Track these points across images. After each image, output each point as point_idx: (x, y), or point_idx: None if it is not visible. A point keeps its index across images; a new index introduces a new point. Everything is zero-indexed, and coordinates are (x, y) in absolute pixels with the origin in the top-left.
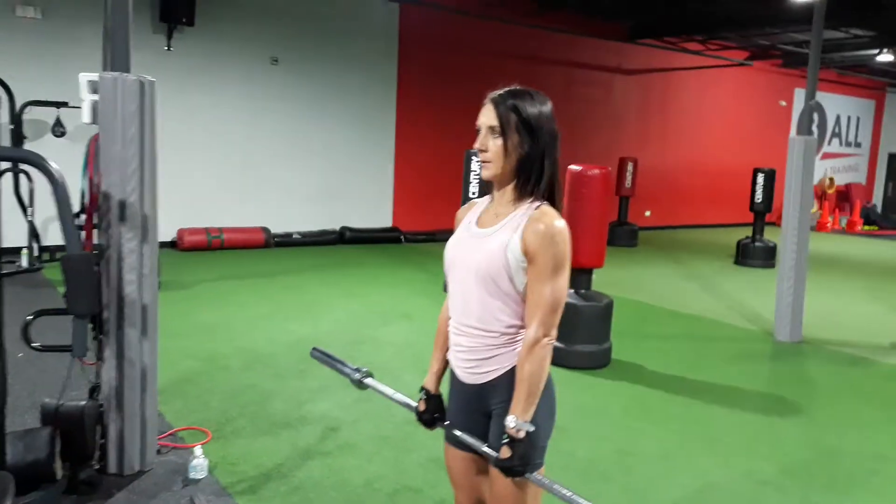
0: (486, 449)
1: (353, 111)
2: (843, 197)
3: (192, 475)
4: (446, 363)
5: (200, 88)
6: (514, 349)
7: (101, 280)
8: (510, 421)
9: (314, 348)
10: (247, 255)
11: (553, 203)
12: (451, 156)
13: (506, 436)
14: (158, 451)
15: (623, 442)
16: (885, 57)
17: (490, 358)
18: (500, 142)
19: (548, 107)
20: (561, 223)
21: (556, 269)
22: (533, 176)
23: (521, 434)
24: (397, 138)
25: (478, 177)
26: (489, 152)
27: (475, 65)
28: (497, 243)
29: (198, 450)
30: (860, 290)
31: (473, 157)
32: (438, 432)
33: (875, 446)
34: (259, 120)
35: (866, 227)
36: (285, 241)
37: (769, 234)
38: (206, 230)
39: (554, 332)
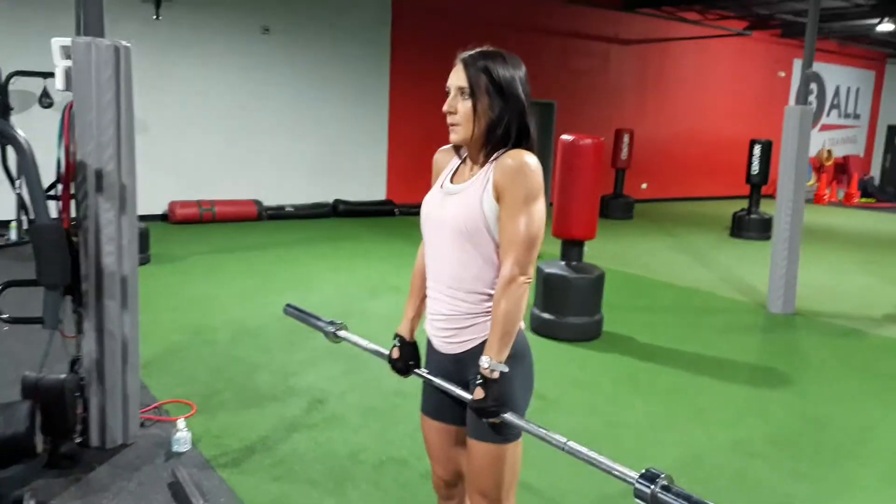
0: (461, 392)
1: (346, 82)
2: (841, 169)
3: (176, 448)
4: (421, 310)
5: (190, 59)
6: None
7: (77, 251)
8: (484, 361)
9: (288, 304)
10: (239, 227)
11: None
12: (443, 128)
13: (479, 377)
14: (142, 425)
15: (612, 413)
16: (885, 26)
17: (468, 327)
18: (469, 104)
19: (521, 70)
20: (531, 157)
21: (527, 201)
22: (506, 140)
23: (496, 374)
24: (391, 110)
25: None
26: (458, 115)
27: (470, 35)
28: (472, 196)
29: (181, 423)
30: (855, 262)
31: None
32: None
33: (863, 418)
34: (251, 91)
35: (863, 200)
36: (278, 214)
37: (765, 207)
38: (198, 203)
39: (531, 271)
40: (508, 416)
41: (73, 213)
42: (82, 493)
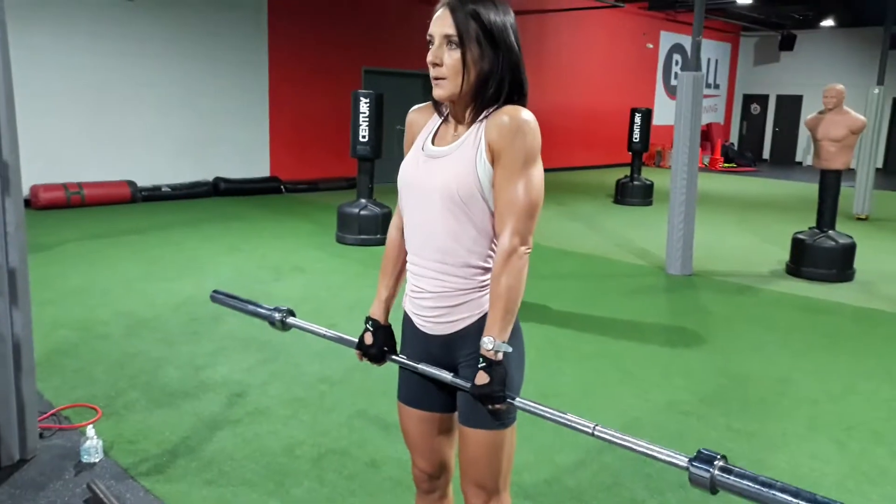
0: (456, 380)
1: (220, 52)
2: (705, 136)
3: (86, 459)
4: (396, 289)
5: (45, 28)
6: (486, 294)
7: None
8: (486, 342)
9: (214, 291)
10: (112, 211)
11: None
12: (332, 99)
13: (482, 360)
14: (41, 436)
15: (543, 384)
16: (744, 0)
17: (460, 305)
18: (457, 54)
19: (511, 16)
20: (527, 113)
21: (527, 163)
22: (498, 96)
23: (500, 356)
24: (271, 81)
25: (367, 103)
26: (444, 67)
27: (348, 2)
28: (464, 159)
29: (89, 429)
30: (732, 223)
31: (362, 98)
32: (358, 388)
33: (777, 370)
34: (116, 64)
35: (726, 165)
36: (154, 195)
37: (645, 173)
38: (64, 186)
39: (531, 241)
40: (518, 402)
41: None
42: None
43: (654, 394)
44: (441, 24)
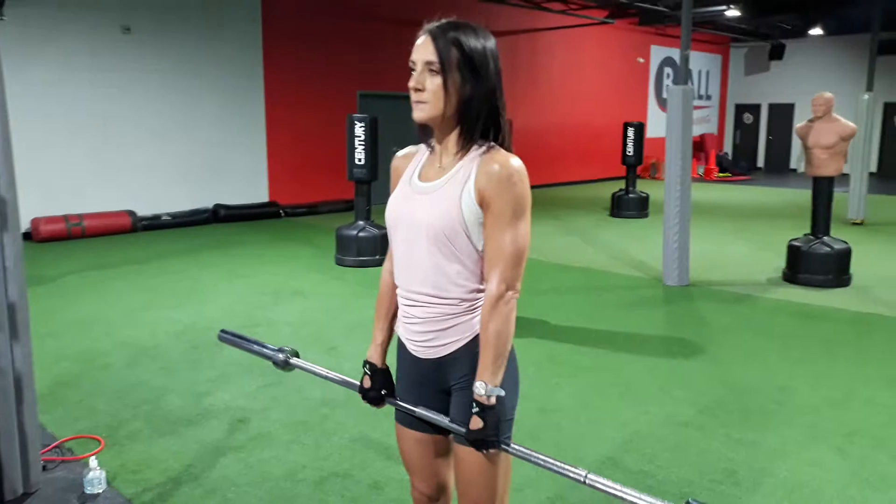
0: (451, 424)
1: (217, 81)
2: (699, 147)
3: (89, 490)
4: (391, 332)
5: (44, 62)
6: (476, 316)
7: None
8: (479, 388)
9: (222, 330)
10: (112, 241)
11: (501, 145)
12: (328, 123)
13: (475, 405)
14: (44, 468)
15: (543, 399)
16: (732, 12)
17: (448, 328)
18: (438, 80)
19: (492, 42)
20: (517, 161)
21: (515, 214)
22: (479, 122)
23: (493, 401)
24: (267, 107)
25: (363, 127)
26: (426, 92)
27: (344, 28)
28: (448, 197)
29: (92, 461)
30: (728, 232)
31: (357, 122)
32: (360, 411)
33: (776, 378)
34: (114, 95)
35: (721, 175)
36: (154, 224)
37: (640, 186)
38: (65, 217)
39: (518, 286)
40: (515, 447)
41: None
42: None
43: (653, 406)
44: (423, 51)
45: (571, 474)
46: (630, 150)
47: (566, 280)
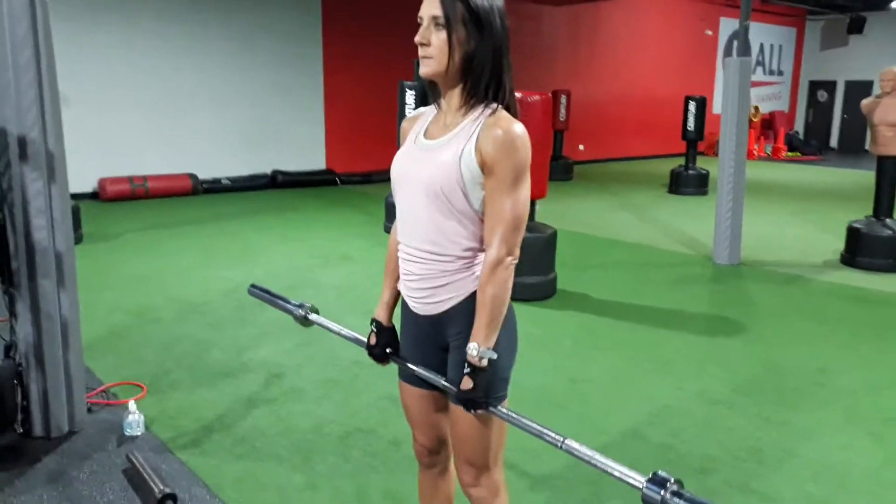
0: (444, 383)
1: (277, 48)
2: (767, 125)
3: (128, 432)
4: (399, 292)
5: (111, 26)
6: (473, 274)
7: (3, 226)
8: (472, 349)
9: (252, 285)
10: (174, 202)
11: (507, 109)
12: (384, 91)
13: (467, 365)
14: (89, 410)
15: (575, 370)
16: None
17: (445, 285)
18: (443, 35)
19: (499, 0)
20: (520, 127)
21: (516, 180)
22: (482, 78)
23: (484, 363)
24: (325, 76)
25: (413, 95)
26: (431, 47)
27: None
28: (449, 155)
29: (132, 405)
30: (790, 213)
31: (408, 89)
32: (388, 371)
33: (818, 360)
34: (178, 60)
35: (790, 154)
36: (214, 188)
37: (700, 163)
38: (129, 178)
39: (517, 251)
40: (501, 410)
41: None
42: (29, 487)
43: (687, 382)
44: (429, 5)
45: (549, 438)
46: (691, 125)
47: (615, 255)
